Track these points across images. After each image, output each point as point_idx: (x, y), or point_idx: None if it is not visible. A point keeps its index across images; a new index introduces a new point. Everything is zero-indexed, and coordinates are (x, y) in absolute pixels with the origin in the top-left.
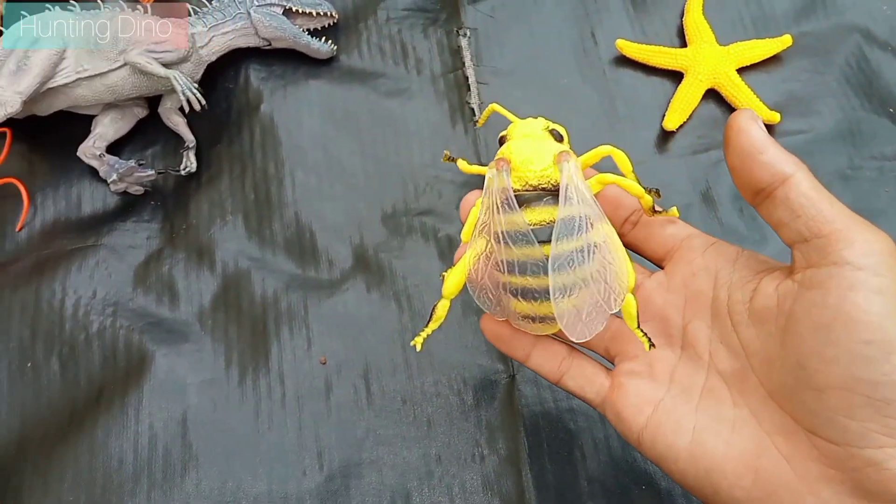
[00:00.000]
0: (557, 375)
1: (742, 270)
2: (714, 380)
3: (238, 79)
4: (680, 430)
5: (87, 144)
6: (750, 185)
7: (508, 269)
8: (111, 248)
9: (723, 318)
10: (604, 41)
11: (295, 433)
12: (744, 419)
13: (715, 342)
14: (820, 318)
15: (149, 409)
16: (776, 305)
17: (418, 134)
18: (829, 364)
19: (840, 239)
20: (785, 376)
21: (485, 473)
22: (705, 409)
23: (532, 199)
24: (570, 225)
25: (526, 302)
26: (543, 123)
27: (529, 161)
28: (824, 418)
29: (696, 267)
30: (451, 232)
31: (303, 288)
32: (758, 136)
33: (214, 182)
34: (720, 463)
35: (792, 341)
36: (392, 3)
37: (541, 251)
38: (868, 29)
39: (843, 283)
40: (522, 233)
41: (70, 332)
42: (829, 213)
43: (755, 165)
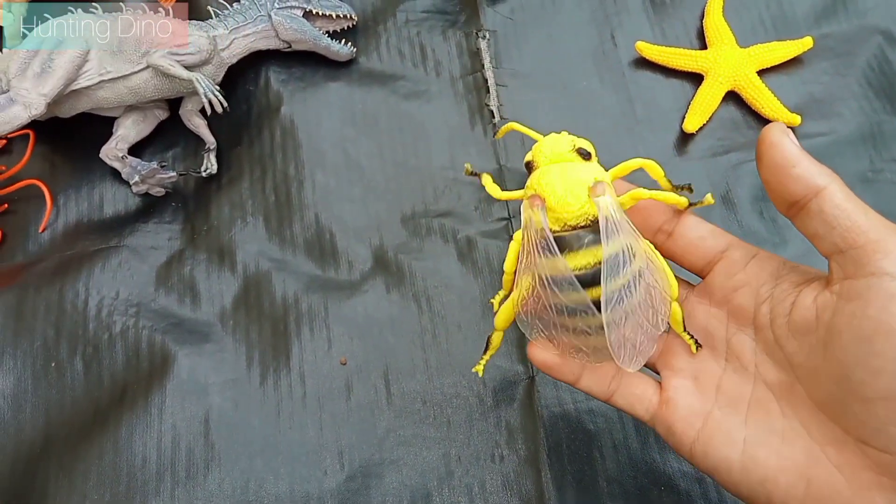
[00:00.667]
0: (608, 395)
1: (784, 284)
2: (761, 391)
3: (258, 81)
4: (731, 443)
5: (109, 146)
6: (784, 198)
7: (557, 311)
8: (133, 249)
9: (766, 331)
10: (623, 43)
11: (316, 433)
12: (794, 430)
13: (760, 354)
14: (861, 330)
15: (171, 409)
16: (815, 318)
17: (437, 136)
18: (875, 375)
19: (877, 249)
20: (831, 388)
21: (504, 474)
22: (755, 421)
23: (573, 241)
24: (615, 263)
25: (578, 338)
26: (569, 142)
27: (565, 201)
28: (874, 428)
29: (738, 282)
30: (470, 233)
31: (323, 289)
32: (790, 149)
33: (235, 184)
34: (773, 474)
35: (835, 353)
36: (411, 5)
37: (587, 297)
38: (890, 30)
39: (882, 294)
40: (568, 280)
41: (93, 332)
42: (864, 223)
43: (788, 179)
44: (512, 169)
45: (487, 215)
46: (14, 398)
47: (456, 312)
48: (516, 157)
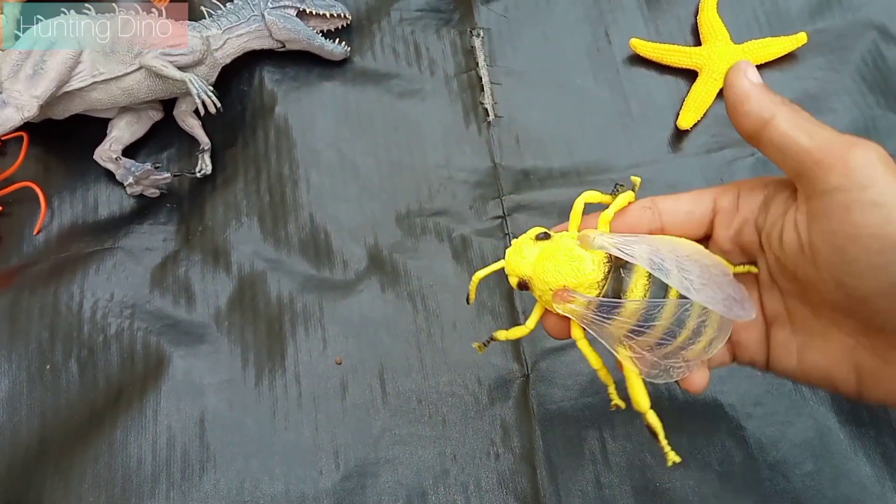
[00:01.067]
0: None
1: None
2: (791, 302)
3: (252, 81)
4: (789, 354)
5: (103, 148)
6: (743, 132)
7: (671, 335)
8: (128, 251)
9: (772, 254)
10: (617, 40)
11: (311, 433)
12: (828, 328)
13: (776, 273)
14: (833, 244)
15: (166, 410)
16: (798, 240)
17: (432, 134)
18: (860, 279)
19: (823, 168)
20: (834, 294)
21: (500, 472)
22: (799, 328)
23: (616, 286)
24: (657, 264)
25: (703, 335)
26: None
27: (581, 271)
28: (882, 318)
29: (737, 224)
30: (465, 232)
31: (318, 289)
32: (742, 86)
33: (230, 184)
34: (827, 371)
35: (822, 266)
36: (405, 3)
37: (674, 301)
38: (884, 25)
39: (837, 208)
40: (651, 307)
41: (88, 334)
42: (809, 145)
43: (741, 116)
44: (507, 167)
45: (482, 214)
46: (9, 401)
47: (451, 311)
48: (510, 155)
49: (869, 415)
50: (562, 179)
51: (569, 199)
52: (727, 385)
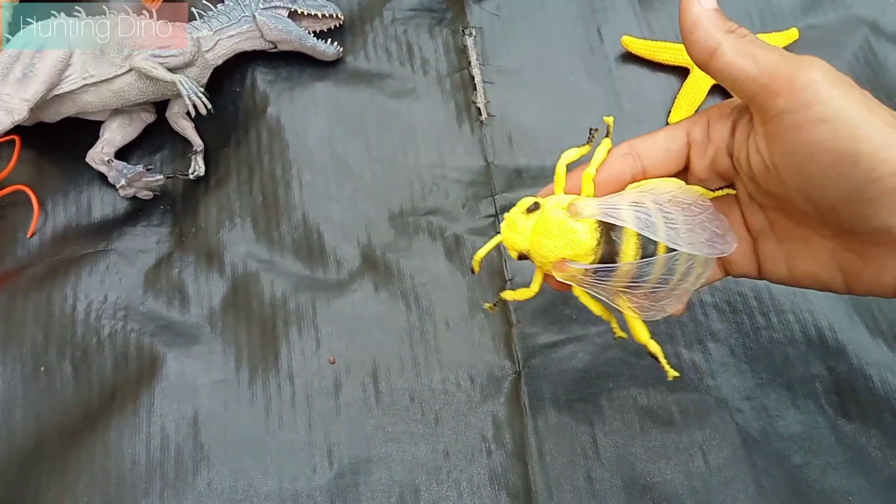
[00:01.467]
0: None
1: (738, 136)
2: (772, 215)
3: (244, 82)
4: (777, 264)
5: (95, 150)
6: (695, 61)
7: (664, 282)
8: (121, 253)
9: (745, 175)
10: (610, 38)
11: (305, 431)
12: (809, 235)
13: (754, 193)
14: (792, 163)
15: (160, 411)
16: (761, 161)
17: (425, 134)
18: (822, 191)
19: (770, 93)
20: (805, 206)
21: (492, 468)
22: (782, 238)
23: (609, 250)
24: (644, 222)
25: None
26: (518, 214)
27: (574, 244)
28: (850, 222)
29: (710, 153)
30: (457, 231)
31: (311, 289)
32: (692, 14)
33: (223, 185)
34: (815, 275)
35: (787, 184)
36: (398, 3)
37: (664, 254)
38: (876, 21)
39: (788, 130)
40: (643, 266)
41: (82, 336)
42: (754, 72)
43: (690, 44)
44: (499, 166)
45: (475, 213)
46: (4, 403)
47: (444, 310)
48: (503, 153)
49: (857, 409)
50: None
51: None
52: (718, 379)
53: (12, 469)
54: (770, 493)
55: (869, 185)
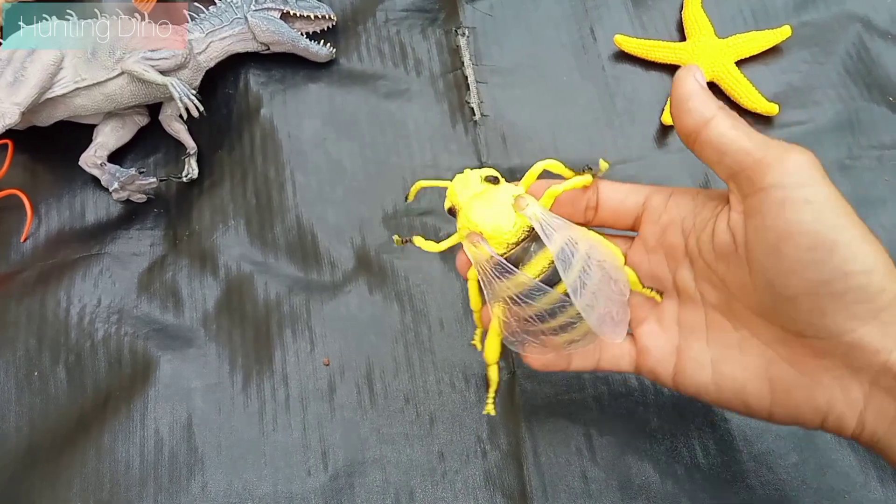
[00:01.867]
0: (595, 364)
1: (701, 212)
2: (712, 314)
3: (238, 84)
4: (701, 367)
5: (88, 154)
6: (682, 129)
7: (539, 319)
8: (115, 257)
9: (698, 261)
10: (603, 37)
11: (299, 434)
12: (747, 339)
13: (700, 282)
14: (767, 241)
15: (154, 415)
16: (732, 240)
17: (418, 134)
18: (789, 276)
19: (762, 167)
20: (761, 296)
21: (487, 469)
22: (715, 341)
23: (521, 255)
24: (565, 257)
25: (567, 333)
26: (475, 176)
27: (498, 226)
28: (804, 322)
29: (663, 223)
30: (452, 231)
31: (305, 291)
32: (688, 85)
33: (216, 188)
34: (742, 384)
35: (754, 266)
36: (391, 3)
37: (558, 294)
38: (868, 17)
39: (773, 205)
40: (534, 289)
41: (76, 340)
42: (748, 145)
43: (683, 112)
44: (494, 166)
45: None
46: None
47: (438, 310)
48: (497, 154)
49: None
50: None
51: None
52: None
53: (5, 474)
54: (766, 492)
55: (839, 277)
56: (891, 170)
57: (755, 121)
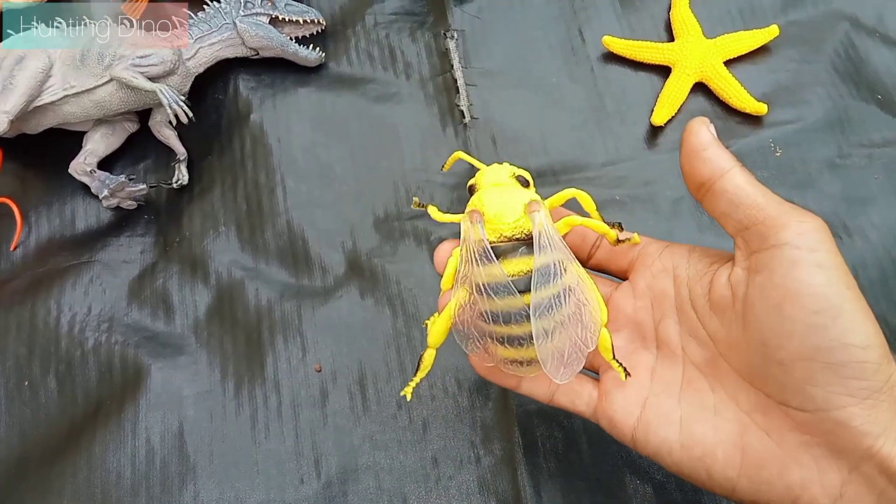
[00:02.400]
0: (548, 396)
1: (697, 265)
2: (691, 371)
3: (227, 89)
4: (669, 424)
5: (78, 161)
6: (695, 179)
7: (493, 319)
8: (105, 264)
9: (688, 313)
10: (591, 38)
11: (292, 441)
12: (724, 403)
13: (685, 336)
14: (771, 298)
15: (146, 423)
16: (731, 294)
17: (408, 138)
18: (788, 338)
19: (776, 224)
20: (751, 356)
21: (480, 475)
22: (688, 400)
23: (508, 250)
24: (545, 273)
25: (512, 348)
26: (509, 170)
27: (502, 214)
28: (792, 389)
29: (656, 270)
30: (443, 234)
31: (297, 296)
32: (704, 136)
33: (206, 194)
34: (711, 447)
35: (751, 323)
36: (379, 7)
37: (522, 301)
38: (856, 16)
39: (784, 263)
40: (503, 285)
41: (66, 349)
42: (763, 201)
43: (698, 161)
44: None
45: None
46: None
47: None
48: (488, 156)
49: None
50: (538, 179)
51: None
52: None
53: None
54: None
55: (838, 347)
56: (881, 168)
57: (745, 121)
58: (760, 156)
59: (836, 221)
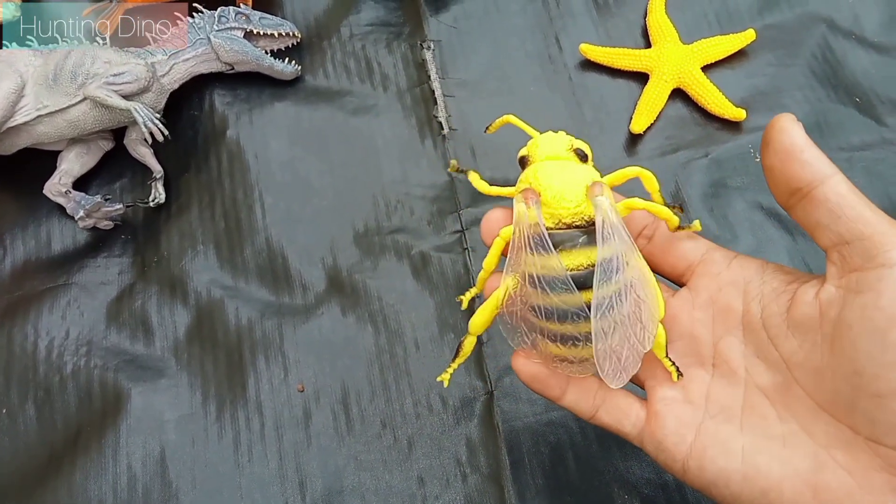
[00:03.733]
0: (592, 411)
1: (772, 282)
2: (754, 396)
3: (203, 105)
4: (728, 453)
5: (52, 181)
6: (788, 183)
7: (546, 315)
8: (82, 286)
9: (757, 332)
10: (568, 46)
11: (276, 464)
12: (795, 434)
13: (750, 357)
14: (874, 322)
15: (127, 449)
16: (819, 314)
17: (387, 150)
18: (890, 369)
19: (885, 241)
20: (838, 385)
21: (468, 493)
22: (751, 428)
23: (566, 239)
24: (608, 267)
25: (565, 347)
26: (567, 141)
27: (561, 195)
28: (887, 426)
29: (722, 281)
30: (423, 248)
31: (277, 315)
32: (799, 135)
33: (184, 212)
34: (777, 482)
35: (844, 348)
36: (355, 18)
37: (580, 298)
38: (832, 18)
39: (890, 284)
40: (561, 279)
41: (44, 374)
42: (870, 215)
43: (795, 164)
44: (464, 181)
45: (440, 229)
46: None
47: (413, 330)
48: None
49: None
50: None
51: None
52: None
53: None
54: None
55: None
56: (861, 172)
57: (724, 127)
58: (740, 162)
59: None
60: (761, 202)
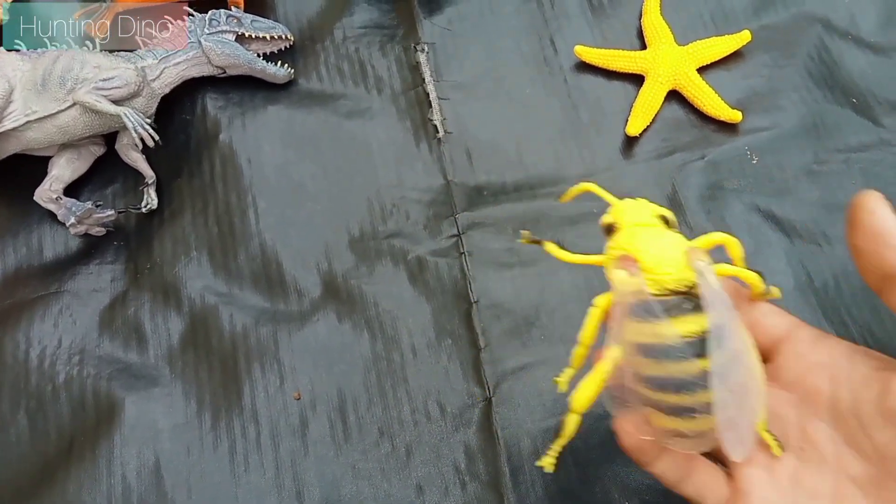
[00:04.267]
0: (677, 480)
1: (861, 367)
2: (845, 486)
3: (195, 109)
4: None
5: (43, 188)
6: (880, 269)
7: (661, 386)
8: (75, 294)
9: (847, 419)
10: (563, 48)
11: (272, 473)
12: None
13: (841, 445)
14: None
15: (121, 459)
16: None
17: (382, 154)
18: None
19: None
20: None
21: (466, 501)
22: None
23: (673, 306)
24: (720, 334)
25: (680, 419)
26: (651, 209)
27: (662, 262)
28: None
29: (809, 362)
30: (420, 253)
31: (272, 321)
32: (888, 218)
33: (177, 217)
34: None
35: None
36: (348, 21)
37: (699, 366)
38: (828, 18)
39: None
40: (675, 347)
41: (36, 384)
42: None
43: (888, 250)
44: (460, 184)
45: (437, 234)
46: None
47: (409, 337)
48: (463, 171)
49: None
50: (515, 193)
51: (522, 214)
52: None
53: None
54: None
55: None
56: (858, 173)
57: (720, 129)
58: (737, 164)
59: (816, 229)
60: (758, 204)
